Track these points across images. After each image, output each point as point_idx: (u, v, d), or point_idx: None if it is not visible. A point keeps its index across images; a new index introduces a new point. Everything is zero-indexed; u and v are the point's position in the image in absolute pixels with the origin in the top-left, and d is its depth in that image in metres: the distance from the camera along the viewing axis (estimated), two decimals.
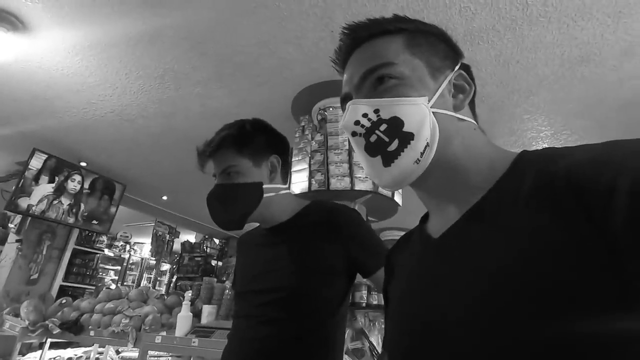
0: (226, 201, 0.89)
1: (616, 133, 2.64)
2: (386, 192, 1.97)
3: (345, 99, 0.51)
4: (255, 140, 0.94)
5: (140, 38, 1.99)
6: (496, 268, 0.35)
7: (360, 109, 0.46)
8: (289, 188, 1.00)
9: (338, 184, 1.86)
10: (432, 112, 0.44)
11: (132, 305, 2.54)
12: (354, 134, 0.46)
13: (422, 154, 0.43)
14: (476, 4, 1.65)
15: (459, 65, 0.49)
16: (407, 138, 0.43)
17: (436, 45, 0.49)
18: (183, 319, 2.09)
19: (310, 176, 1.93)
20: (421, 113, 0.43)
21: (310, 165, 1.97)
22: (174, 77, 2.30)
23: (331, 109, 2.14)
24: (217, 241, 7.36)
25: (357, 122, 0.45)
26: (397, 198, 2.06)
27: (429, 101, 0.44)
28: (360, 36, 0.50)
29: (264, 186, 0.91)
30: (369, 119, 0.45)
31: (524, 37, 1.82)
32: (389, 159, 0.44)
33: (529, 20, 1.72)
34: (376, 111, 0.45)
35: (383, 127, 0.44)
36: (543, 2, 1.63)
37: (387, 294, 0.59)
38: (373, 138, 0.44)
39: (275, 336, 0.82)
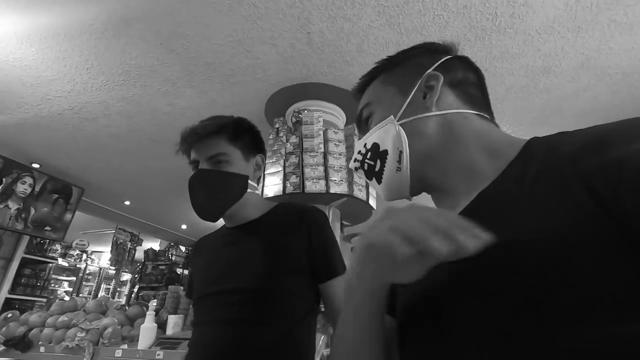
0: (212, 187, 0.86)
1: None
2: (361, 196, 1.97)
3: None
4: (247, 136, 0.95)
5: (105, 30, 1.87)
6: (504, 254, 0.36)
7: (357, 147, 0.56)
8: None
9: (313, 186, 1.83)
10: (400, 124, 0.50)
11: (89, 317, 2.36)
12: (356, 169, 0.56)
13: (398, 161, 0.49)
14: (449, 13, 1.70)
15: (433, 67, 0.52)
16: (383, 155, 0.51)
17: (410, 63, 0.54)
18: (146, 330, 1.96)
19: (285, 179, 1.89)
20: (389, 130, 0.50)
21: (284, 167, 1.93)
22: (140, 74, 2.19)
23: (306, 111, 2.12)
24: (183, 248, 7.07)
25: (355, 160, 0.56)
26: (372, 202, 2.07)
27: (395, 117, 0.50)
28: (357, 94, 0.60)
29: (248, 181, 0.91)
30: (361, 153, 0.55)
31: (492, 47, 1.89)
32: (379, 178, 0.52)
33: (497, 30, 1.80)
34: (365, 145, 0.54)
35: (369, 155, 0.53)
36: (510, 13, 1.70)
37: None
38: (366, 166, 0.54)
39: (243, 339, 0.78)
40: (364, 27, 1.77)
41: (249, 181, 0.91)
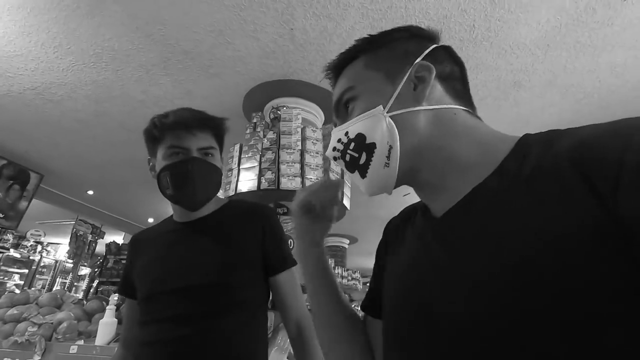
0: (204, 178, 0.88)
1: None
2: None
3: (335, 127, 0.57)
4: (223, 135, 0.97)
5: (77, 8, 1.77)
6: (500, 252, 0.35)
7: (336, 135, 0.52)
8: None
9: (289, 183, 1.82)
10: (391, 115, 0.47)
11: (43, 311, 2.22)
12: (334, 158, 0.52)
13: (387, 157, 0.46)
14: (430, 21, 1.75)
15: (422, 56, 0.48)
16: (370, 149, 0.47)
17: (396, 48, 0.50)
18: (106, 325, 1.87)
19: (260, 174, 1.87)
20: (377, 121, 0.47)
21: (260, 163, 1.90)
22: (112, 57, 2.09)
23: (285, 107, 2.11)
24: None
25: (334, 149, 0.52)
26: (346, 202, 2.08)
27: (384, 107, 0.47)
28: (335, 72, 0.55)
29: None
30: (341, 142, 0.50)
31: (469, 58, 1.96)
32: (363, 171, 0.49)
33: (474, 42, 1.87)
34: (346, 134, 0.50)
35: (352, 145, 0.49)
36: (487, 27, 1.78)
37: (380, 258, 0.61)
38: (347, 157, 0.50)
39: (196, 335, 0.78)
40: (347, 28, 1.79)
41: None
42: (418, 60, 0.48)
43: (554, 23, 1.74)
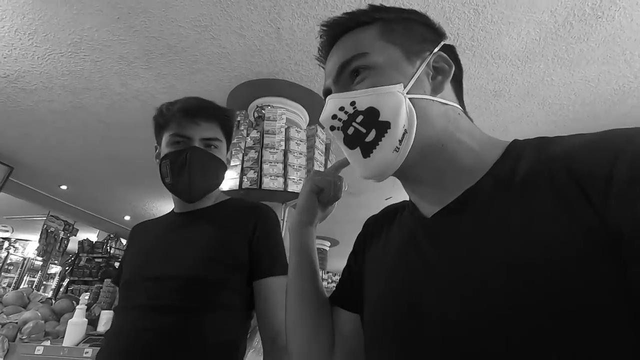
0: (205, 168, 0.86)
1: None
2: None
3: (326, 94, 0.51)
4: (232, 126, 0.96)
5: None
6: (495, 254, 0.35)
7: (338, 102, 0.46)
8: None
9: (271, 183, 1.80)
10: (409, 98, 0.43)
11: (7, 310, 2.12)
12: (332, 127, 0.46)
13: (400, 141, 0.42)
14: None
15: (439, 46, 0.47)
16: (383, 127, 0.43)
17: (413, 28, 0.47)
18: (74, 326, 1.79)
19: (242, 173, 1.84)
20: (396, 101, 0.43)
21: (243, 162, 1.88)
22: (92, 47, 2.02)
23: (269, 107, 2.09)
24: (124, 241, 6.61)
25: (334, 116, 0.46)
26: None
27: (404, 87, 0.44)
28: (337, 31, 0.50)
29: None
30: (346, 112, 0.45)
31: None
32: (367, 150, 0.44)
33: (458, 50, 1.89)
34: (352, 103, 0.44)
35: (359, 118, 0.44)
36: (470, 36, 1.82)
37: (358, 252, 0.59)
38: (350, 130, 0.45)
39: (164, 329, 0.73)
40: None
41: None
42: (436, 50, 0.47)
43: (533, 36, 1.80)
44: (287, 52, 1.97)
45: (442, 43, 0.48)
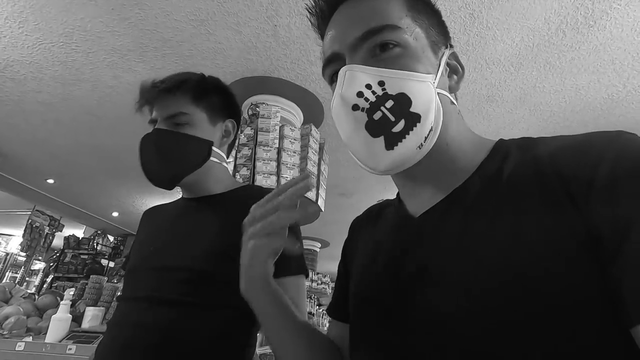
0: (167, 151, 0.75)
1: None
2: (311, 196, 1.97)
3: (332, 60, 0.44)
4: (215, 96, 0.83)
5: None
6: (482, 254, 0.35)
7: (363, 77, 0.39)
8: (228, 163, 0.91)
9: (264, 181, 1.79)
10: (437, 93, 0.40)
11: None
12: (355, 107, 0.39)
13: (426, 138, 0.39)
14: None
15: (449, 45, 0.46)
16: (413, 119, 0.38)
17: (432, 16, 0.45)
18: (58, 321, 1.75)
19: (235, 170, 1.83)
20: (429, 92, 0.39)
21: (236, 158, 1.86)
22: (84, 38, 1.98)
23: (264, 105, 2.08)
24: (111, 238, 6.50)
25: (360, 94, 0.39)
26: (320, 203, 2.08)
27: (434, 79, 0.41)
28: None
29: (213, 148, 0.80)
30: (374, 92, 0.39)
31: None
32: (392, 141, 0.39)
33: None
34: (381, 83, 0.39)
35: (389, 103, 0.38)
36: (465, 40, 1.84)
37: (347, 257, 0.57)
38: (377, 115, 0.39)
39: (174, 321, 0.68)
40: None
41: (214, 148, 0.80)
42: (450, 48, 0.45)
43: (527, 42, 1.83)
44: (284, 50, 1.97)
45: (451, 42, 0.47)
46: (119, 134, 2.98)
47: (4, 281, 6.74)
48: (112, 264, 6.09)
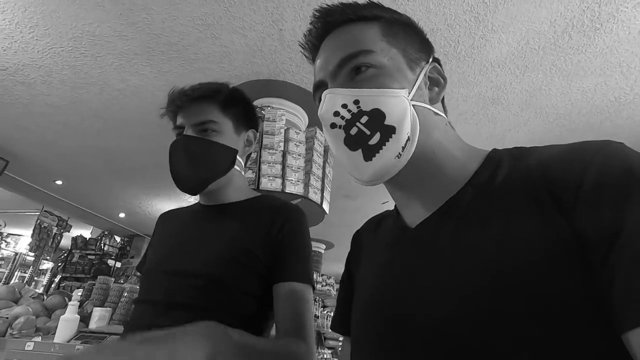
0: (197, 157, 0.77)
1: None
2: (316, 199, 1.97)
3: (319, 87, 0.49)
4: (241, 107, 0.86)
5: None
6: (476, 263, 0.36)
7: (339, 98, 0.43)
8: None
9: (269, 184, 1.80)
10: (412, 105, 0.43)
11: None
12: (332, 125, 0.44)
13: (403, 148, 0.42)
14: None
15: (431, 58, 0.49)
16: (388, 131, 0.42)
17: (411, 35, 0.48)
18: (66, 322, 1.78)
19: None
20: (402, 106, 0.42)
21: None
22: (92, 43, 2.02)
23: (269, 108, 2.09)
24: (118, 239, 6.57)
25: (336, 113, 0.43)
26: (325, 206, 2.08)
27: (408, 93, 0.43)
28: (334, 20, 0.48)
29: (237, 156, 0.83)
30: (349, 110, 0.43)
31: (452, 72, 2.02)
32: (370, 153, 0.42)
33: (457, 57, 1.92)
34: (356, 102, 0.43)
35: (364, 119, 0.42)
36: (471, 43, 1.84)
37: (351, 270, 0.57)
38: (353, 131, 0.43)
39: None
40: None
41: (238, 157, 0.83)
42: (430, 60, 0.48)
43: (532, 45, 1.82)
44: (289, 54, 1.98)
45: (434, 54, 0.49)
46: (126, 137, 3.02)
47: (13, 280, 6.84)
48: (118, 265, 6.15)
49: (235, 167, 0.83)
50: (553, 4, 1.60)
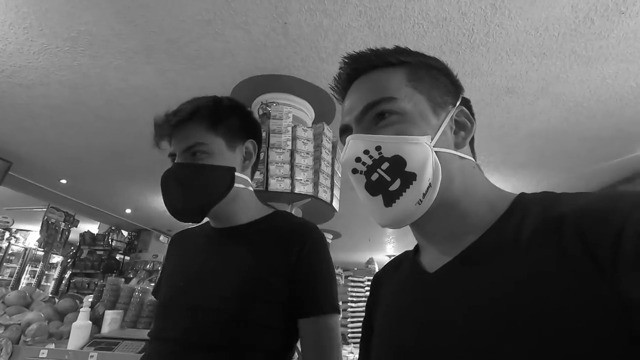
0: (188, 185, 0.72)
1: (521, 157, 3.01)
2: (325, 198, 1.92)
3: (345, 131, 0.50)
4: (232, 119, 0.80)
5: None
6: (497, 313, 0.35)
7: (362, 144, 0.44)
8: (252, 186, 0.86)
9: (278, 185, 1.75)
10: (435, 152, 0.43)
11: (10, 310, 2.10)
12: (354, 171, 0.45)
13: (424, 195, 0.42)
14: (429, 23, 1.70)
15: (459, 100, 0.48)
16: (409, 178, 0.42)
17: (438, 79, 0.48)
18: (79, 329, 1.77)
19: None
20: (424, 152, 0.42)
21: None
22: (90, 42, 1.94)
23: (275, 104, 2.02)
24: (125, 234, 6.60)
25: (358, 159, 0.44)
26: (335, 204, 2.04)
27: (431, 139, 0.43)
28: (361, 67, 0.49)
29: (236, 174, 0.77)
30: (371, 157, 0.44)
31: (465, 62, 1.93)
32: (390, 199, 0.43)
33: (471, 46, 1.83)
34: (378, 148, 0.44)
35: (385, 165, 0.43)
36: (486, 32, 1.74)
37: (371, 315, 0.57)
38: (374, 177, 0.44)
39: None
40: (343, 26, 1.71)
41: (237, 174, 0.77)
42: (458, 103, 0.47)
43: (552, 32, 1.72)
44: (293, 48, 1.90)
45: (462, 97, 0.49)
46: (128, 135, 2.96)
47: (24, 275, 6.93)
48: (127, 259, 6.20)
49: (238, 185, 0.77)
50: None
